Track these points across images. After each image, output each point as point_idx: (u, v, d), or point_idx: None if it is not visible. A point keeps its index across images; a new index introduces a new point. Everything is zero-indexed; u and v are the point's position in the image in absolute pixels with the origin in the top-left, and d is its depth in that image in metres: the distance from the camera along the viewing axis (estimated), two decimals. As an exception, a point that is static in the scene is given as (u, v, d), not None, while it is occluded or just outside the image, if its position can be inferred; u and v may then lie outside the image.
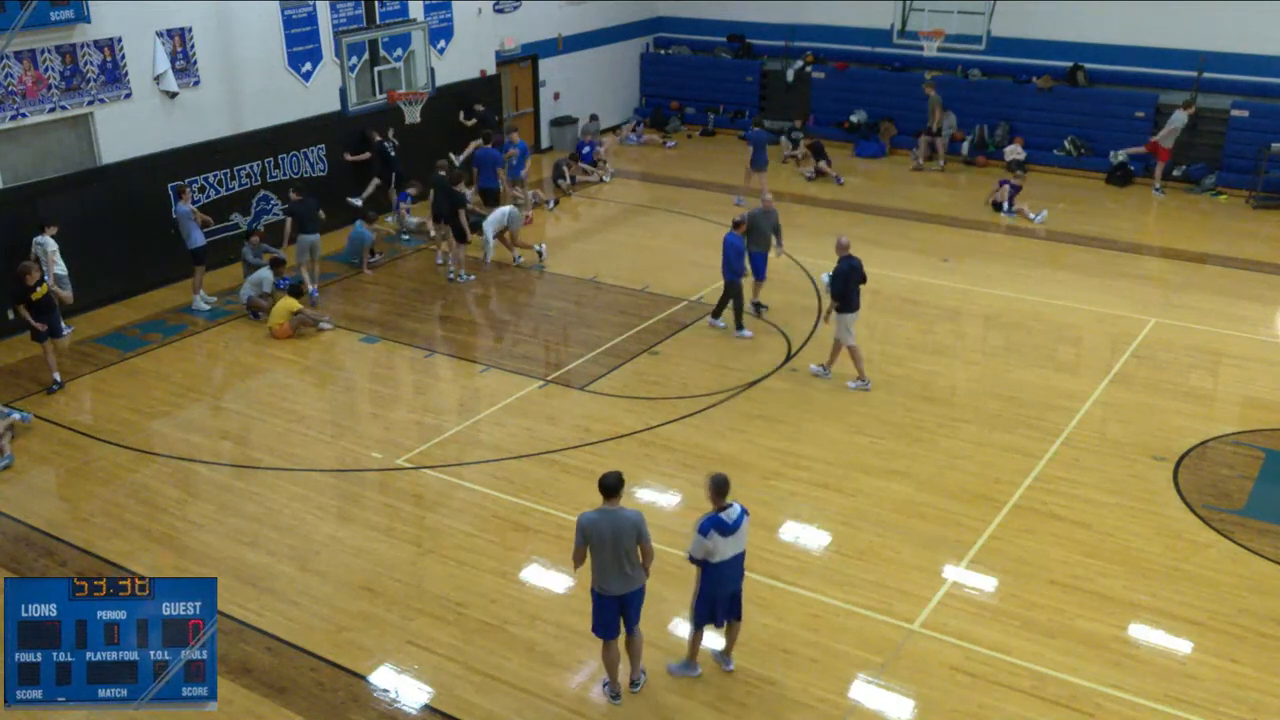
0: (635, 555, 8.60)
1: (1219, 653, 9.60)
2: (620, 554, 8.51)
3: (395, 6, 20.73)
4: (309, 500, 12.15)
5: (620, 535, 8.46)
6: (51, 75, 16.16)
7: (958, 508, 11.69)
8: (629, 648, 9.09)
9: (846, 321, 13.90)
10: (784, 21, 26.86)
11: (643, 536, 8.54)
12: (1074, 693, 9.13)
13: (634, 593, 8.75)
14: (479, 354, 15.72)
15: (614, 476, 8.56)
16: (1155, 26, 22.60)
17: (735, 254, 15.25)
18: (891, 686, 9.26)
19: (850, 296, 13.80)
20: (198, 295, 17.13)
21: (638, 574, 8.68)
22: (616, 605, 8.74)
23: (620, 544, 8.48)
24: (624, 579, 8.61)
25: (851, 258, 13.87)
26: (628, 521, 8.49)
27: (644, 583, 8.80)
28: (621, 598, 8.69)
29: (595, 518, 8.51)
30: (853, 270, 13.80)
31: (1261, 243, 19.54)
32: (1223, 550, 11.00)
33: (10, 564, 11.08)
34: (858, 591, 10.40)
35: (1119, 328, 16.02)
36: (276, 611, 10.29)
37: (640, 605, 8.90)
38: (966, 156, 24.34)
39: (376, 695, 9.31)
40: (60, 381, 14.52)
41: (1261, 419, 13.51)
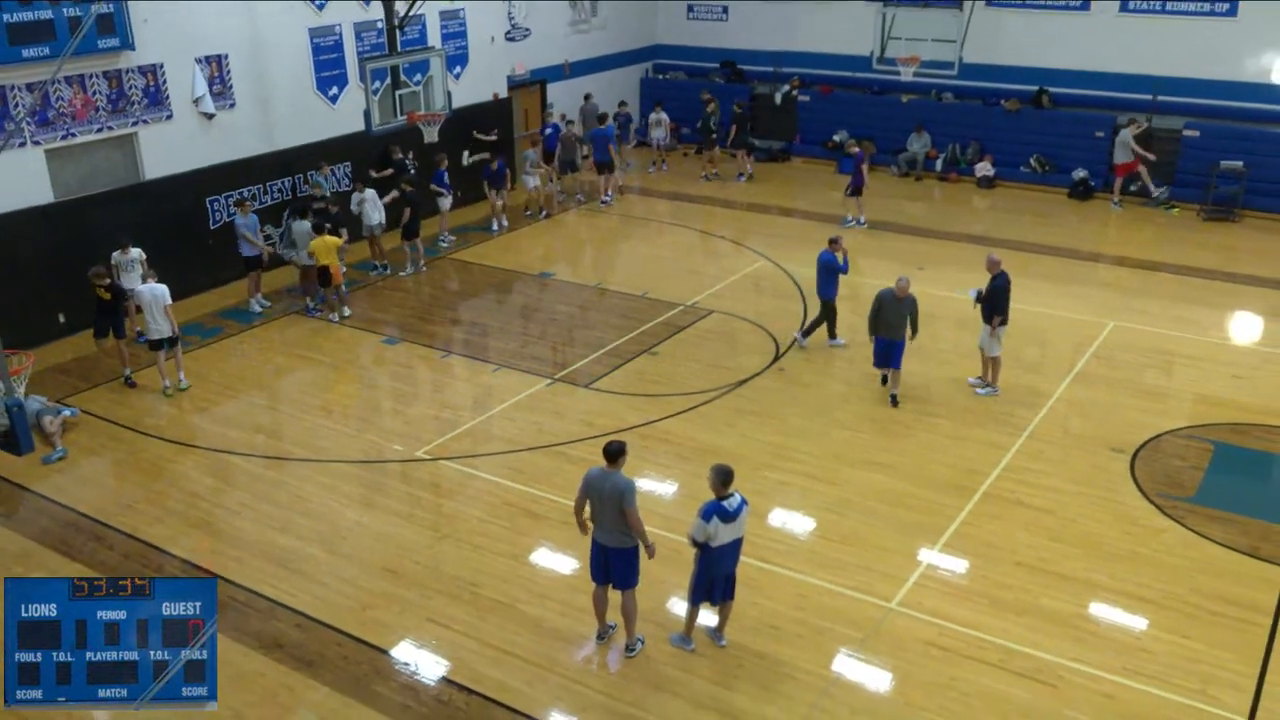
0: (620, 514, 8.78)
1: (1172, 629, 9.61)
2: (608, 511, 8.79)
3: (415, 35, 20.73)
4: (336, 489, 12.16)
5: (609, 495, 8.74)
6: (99, 98, 16.17)
7: (933, 496, 11.70)
8: (621, 610, 9.27)
9: (1000, 334, 13.68)
10: (773, 49, 26.85)
11: (625, 502, 8.68)
12: (1039, 665, 9.15)
13: (618, 550, 8.94)
14: (491, 354, 15.72)
15: (616, 445, 8.86)
16: (1113, 54, 22.62)
17: (829, 272, 14.82)
18: (871, 660, 9.27)
19: (1003, 310, 13.57)
20: (254, 299, 17.17)
21: (621, 536, 8.85)
22: (602, 555, 9.03)
23: (607, 502, 8.76)
24: (609, 534, 8.90)
25: (1004, 274, 13.60)
26: (615, 486, 8.71)
27: (631, 547, 8.91)
28: (607, 550, 8.97)
29: (596, 475, 8.84)
30: (1006, 287, 13.57)
31: (1211, 252, 19.53)
32: (1176, 535, 11.01)
33: (61, 547, 11.11)
34: (841, 573, 10.41)
35: (1081, 330, 16.02)
36: (306, 591, 10.30)
37: (625, 568, 9.01)
38: (940, 173, 24.36)
39: (397, 668, 9.32)
40: (130, 376, 14.72)
41: (1211, 414, 13.51)
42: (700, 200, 23.11)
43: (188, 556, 10.89)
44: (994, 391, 13.90)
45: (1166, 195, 21.92)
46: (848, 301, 15.90)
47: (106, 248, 15.42)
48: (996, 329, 13.66)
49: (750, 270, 18.73)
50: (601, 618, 9.47)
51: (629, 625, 9.32)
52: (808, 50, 26.34)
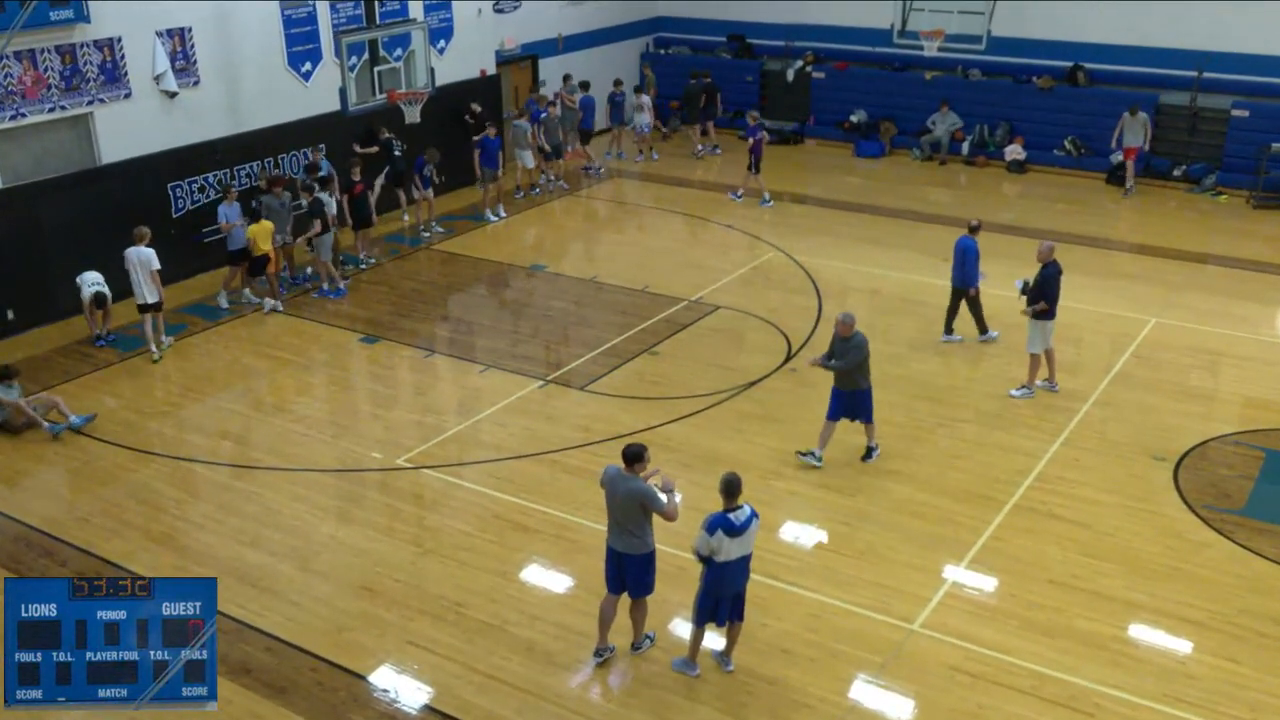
0: (635, 523, 8.96)
1: (1218, 652, 9.61)
2: (619, 514, 9.00)
3: (395, 6, 20.73)
4: (309, 500, 12.16)
5: (622, 498, 8.93)
6: (51, 75, 16.18)
7: (957, 507, 11.71)
8: (630, 614, 9.43)
9: (1049, 328, 13.64)
10: (784, 21, 26.87)
11: (648, 505, 8.89)
12: (1073, 692, 9.15)
13: (631, 556, 9.09)
14: (479, 354, 15.73)
15: (635, 448, 9.02)
16: (1155, 26, 22.63)
17: (972, 260, 14.84)
18: (891, 686, 9.27)
19: (1053, 302, 13.54)
20: (242, 291, 17.37)
21: (635, 541, 9.02)
22: (615, 560, 9.20)
23: (619, 506, 8.97)
24: (621, 538, 9.08)
25: (1055, 263, 13.59)
26: (631, 491, 8.88)
27: (645, 553, 9.09)
28: (620, 555, 9.13)
29: (613, 474, 9.05)
30: (1057, 275, 13.54)
31: (1261, 242, 19.55)
32: (1222, 550, 11.01)
33: (10, 564, 11.10)
34: (857, 591, 10.42)
35: (1119, 327, 16.03)
36: (277, 611, 10.30)
37: (639, 574, 9.17)
38: (967, 156, 24.38)
39: (376, 695, 9.33)
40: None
41: (1261, 419, 13.52)
42: (701, 186, 23.14)
43: (148, 574, 10.86)
44: (1028, 393, 13.90)
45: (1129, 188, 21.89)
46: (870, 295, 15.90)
47: (59, 237, 15.42)
48: (1044, 322, 13.54)
49: (760, 262, 18.75)
50: (604, 632, 9.49)
51: (638, 627, 9.51)
52: (823, 23, 26.37)
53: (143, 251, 14.97)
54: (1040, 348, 13.76)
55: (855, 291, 17.51)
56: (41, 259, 16.19)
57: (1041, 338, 13.69)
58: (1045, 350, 13.83)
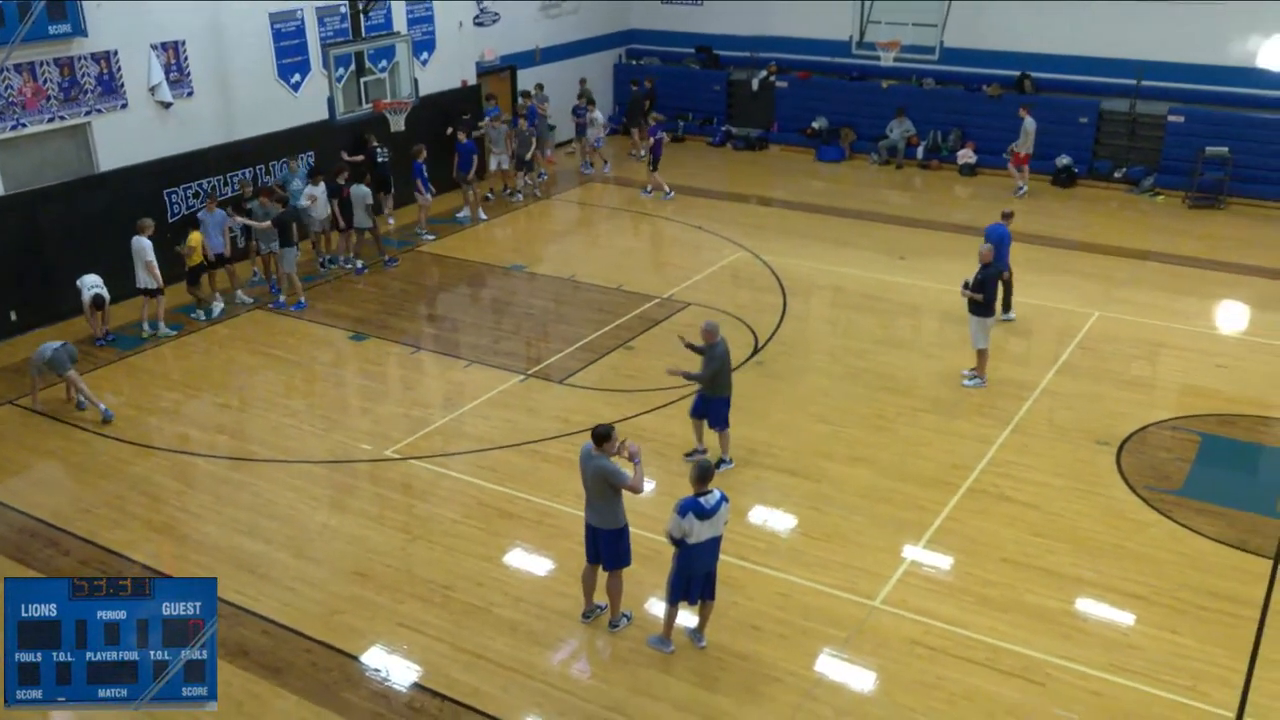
0: (603, 498, 9.11)
1: (1161, 625, 9.72)
2: (590, 491, 9.22)
3: (380, 20, 20.62)
4: (303, 491, 12.10)
5: (590, 475, 9.14)
6: (50, 87, 15.99)
7: (917, 491, 11.78)
8: (606, 588, 9.54)
9: (988, 324, 13.85)
10: (749, 34, 26.88)
11: (611, 480, 9.03)
12: (1026, 663, 9.23)
13: (602, 530, 9.25)
14: (463, 350, 15.68)
15: (603, 428, 9.13)
16: (1097, 37, 22.74)
17: (1006, 245, 15.11)
18: (855, 660, 9.33)
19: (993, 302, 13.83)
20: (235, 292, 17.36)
21: (607, 516, 9.19)
22: (591, 533, 9.39)
23: (592, 483, 9.17)
24: (593, 513, 9.30)
25: (994, 264, 13.84)
26: (596, 469, 9.08)
27: (617, 528, 9.22)
28: (594, 529, 9.33)
29: (585, 452, 9.21)
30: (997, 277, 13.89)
31: (1197, 240, 19.73)
32: (1163, 529, 11.12)
33: (16, 554, 10.99)
34: (823, 571, 10.46)
35: (1065, 321, 16.15)
36: (272, 596, 10.26)
37: (610, 548, 9.31)
38: (921, 160, 24.48)
39: (368, 674, 9.30)
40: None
41: (1197, 405, 13.66)
42: (676, 189, 23.09)
43: (149, 562, 10.81)
44: (980, 383, 14.00)
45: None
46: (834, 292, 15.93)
47: (59, 241, 15.27)
48: (980, 319, 13.76)
49: (728, 261, 18.77)
50: (589, 596, 9.69)
51: (613, 603, 9.58)
52: (785, 35, 26.38)
53: (140, 241, 15.45)
54: (984, 343, 13.91)
55: (819, 289, 17.55)
56: (42, 262, 16.02)
57: (983, 334, 13.85)
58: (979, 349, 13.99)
